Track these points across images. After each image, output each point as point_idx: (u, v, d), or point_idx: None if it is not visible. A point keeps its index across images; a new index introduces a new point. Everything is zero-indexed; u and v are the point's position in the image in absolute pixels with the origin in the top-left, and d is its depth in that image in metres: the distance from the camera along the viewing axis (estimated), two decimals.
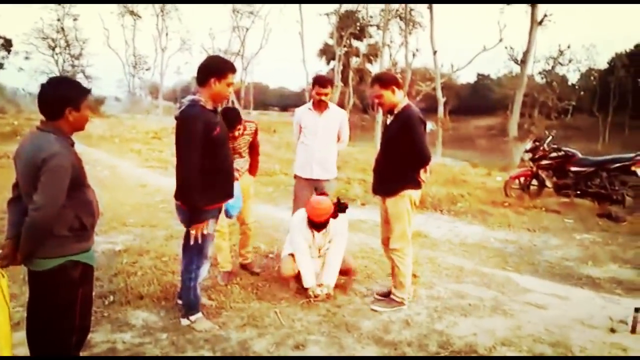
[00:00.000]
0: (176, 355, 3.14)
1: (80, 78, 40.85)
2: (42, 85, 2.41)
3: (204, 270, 3.50)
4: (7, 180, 2.88)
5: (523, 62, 21.28)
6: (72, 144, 2.45)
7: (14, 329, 2.73)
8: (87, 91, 2.50)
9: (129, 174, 10.56)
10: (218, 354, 3.16)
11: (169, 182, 9.75)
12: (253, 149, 4.72)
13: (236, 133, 4.30)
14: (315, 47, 43.97)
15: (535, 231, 7.21)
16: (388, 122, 3.97)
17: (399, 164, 3.83)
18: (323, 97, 4.63)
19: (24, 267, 2.43)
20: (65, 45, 42.71)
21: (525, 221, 7.71)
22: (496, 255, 6.02)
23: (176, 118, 3.23)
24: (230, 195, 3.46)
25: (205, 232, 3.31)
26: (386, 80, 3.84)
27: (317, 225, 4.06)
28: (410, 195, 3.86)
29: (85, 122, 2.51)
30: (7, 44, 41.38)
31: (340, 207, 4.15)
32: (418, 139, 3.73)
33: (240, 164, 4.53)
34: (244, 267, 4.77)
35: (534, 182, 9.32)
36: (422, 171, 3.87)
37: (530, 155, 9.39)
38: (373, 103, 4.10)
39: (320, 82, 4.65)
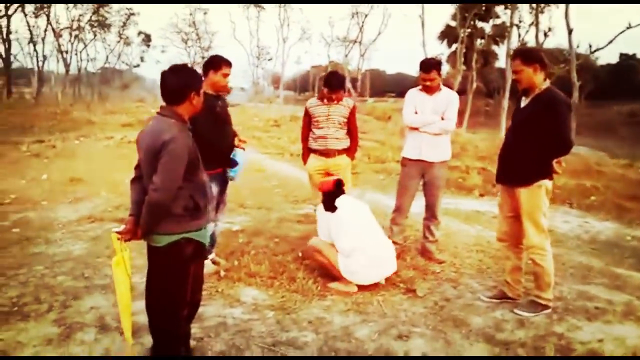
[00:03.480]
0: (282, 333, 3.23)
1: None
2: (166, 73, 2.56)
3: (210, 228, 3.90)
4: None
5: None
6: (190, 129, 2.60)
7: (136, 299, 2.98)
8: (202, 78, 2.65)
9: (250, 159, 11.09)
10: (320, 337, 3.19)
11: (285, 168, 10.11)
12: (351, 131, 4.83)
13: (333, 96, 4.60)
14: (436, 29, 42.43)
15: None
16: (522, 104, 3.59)
17: (536, 151, 3.44)
18: (428, 83, 4.44)
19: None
20: (196, 38, 46.14)
21: None
22: (632, 255, 5.37)
23: None
24: (224, 164, 4.03)
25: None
26: (530, 56, 3.47)
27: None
28: (546, 185, 3.50)
29: (200, 107, 2.65)
30: (147, 39, 45.85)
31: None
32: (562, 124, 3.36)
33: (331, 132, 4.72)
34: None
35: None
36: (555, 161, 3.49)
37: None
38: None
39: (423, 67, 4.45)
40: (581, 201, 7.78)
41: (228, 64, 3.97)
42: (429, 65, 4.45)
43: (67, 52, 38.51)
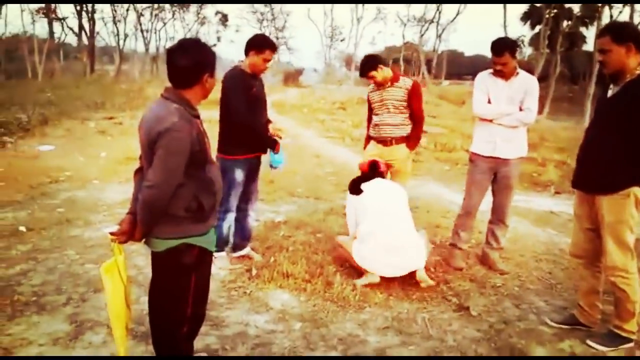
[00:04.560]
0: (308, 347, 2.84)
1: (283, 50, 44.11)
2: (174, 50, 2.16)
3: (231, 217, 3.91)
4: None
5: None
6: (197, 116, 2.21)
7: None
8: (215, 55, 2.24)
9: (308, 144, 10.72)
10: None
11: (343, 154, 9.64)
12: (413, 115, 4.26)
13: (372, 73, 4.17)
14: (519, 9, 39.52)
15: None
16: (610, 92, 2.92)
17: (625, 151, 2.79)
18: (499, 67, 3.80)
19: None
20: (271, 18, 46.26)
21: None
22: None
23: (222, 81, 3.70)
24: (258, 150, 3.85)
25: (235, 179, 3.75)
26: (622, 33, 2.77)
27: None
28: (636, 194, 2.83)
29: (211, 91, 2.26)
30: (224, 19, 46.45)
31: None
32: None
33: (384, 118, 4.27)
34: None
35: None
36: None
37: None
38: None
39: (494, 49, 3.80)
40: None
41: (273, 48, 3.70)
42: (501, 47, 3.78)
43: (147, 31, 39.81)
